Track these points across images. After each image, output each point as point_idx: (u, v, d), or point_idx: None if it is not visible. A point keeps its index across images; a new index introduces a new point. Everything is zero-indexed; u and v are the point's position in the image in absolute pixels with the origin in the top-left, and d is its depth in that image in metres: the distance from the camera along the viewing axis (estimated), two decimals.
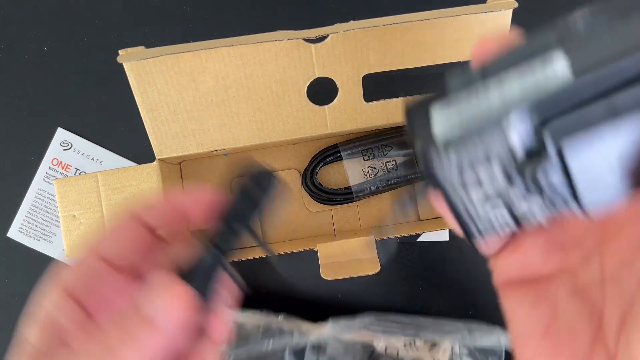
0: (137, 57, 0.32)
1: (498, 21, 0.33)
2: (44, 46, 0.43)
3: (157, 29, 0.43)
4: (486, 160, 0.14)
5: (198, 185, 0.21)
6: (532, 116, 0.14)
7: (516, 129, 0.14)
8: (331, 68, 0.33)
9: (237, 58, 0.32)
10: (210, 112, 0.34)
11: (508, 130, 0.14)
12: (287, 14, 0.42)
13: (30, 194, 0.42)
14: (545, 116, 0.13)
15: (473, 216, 0.16)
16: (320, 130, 0.34)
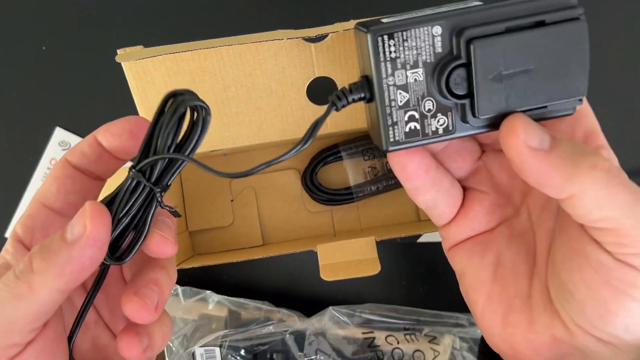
0: (136, 57, 0.32)
1: None
2: (43, 45, 0.42)
3: (156, 28, 0.43)
4: (416, 54, 0.20)
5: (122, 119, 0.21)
6: (452, 27, 0.19)
7: (440, 32, 0.20)
8: (331, 67, 0.33)
9: (236, 57, 0.32)
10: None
11: (435, 31, 0.19)
12: (287, 12, 0.42)
13: (29, 194, 0.42)
14: (462, 27, 0.19)
15: (395, 121, 0.21)
16: (320, 130, 0.34)
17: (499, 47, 0.19)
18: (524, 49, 0.19)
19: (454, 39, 0.19)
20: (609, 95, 0.41)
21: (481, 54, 0.19)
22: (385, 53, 0.20)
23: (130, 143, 0.21)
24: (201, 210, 0.41)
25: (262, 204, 0.41)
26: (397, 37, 0.20)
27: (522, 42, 0.19)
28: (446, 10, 0.20)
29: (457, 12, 0.19)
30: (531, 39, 0.19)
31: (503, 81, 0.19)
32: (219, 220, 0.41)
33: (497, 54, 0.19)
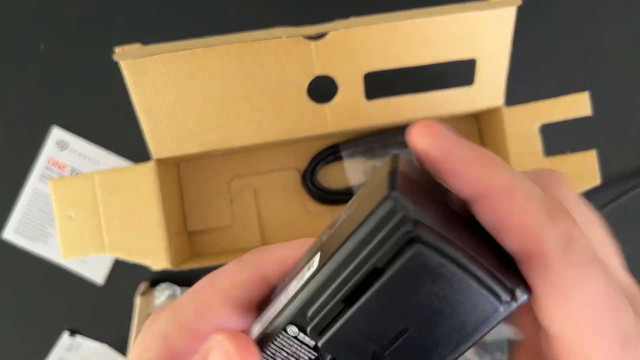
0: (134, 56, 0.31)
1: (501, 18, 0.32)
2: (40, 45, 0.42)
3: (154, 26, 0.42)
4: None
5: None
6: (302, 318, 0.14)
7: (297, 332, 0.15)
8: (331, 66, 0.32)
9: (236, 56, 0.32)
10: (208, 111, 0.33)
11: (292, 331, 0.15)
12: (287, 10, 0.42)
13: (26, 194, 0.42)
14: (309, 316, 0.14)
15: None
16: (321, 129, 0.34)
17: (350, 329, 0.14)
18: (379, 314, 0.13)
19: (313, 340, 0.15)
20: (609, 95, 0.41)
21: (336, 349, 0.14)
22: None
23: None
24: (200, 211, 0.40)
25: (261, 204, 0.40)
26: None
27: (371, 308, 0.13)
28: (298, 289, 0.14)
29: (291, 300, 0.14)
30: (377, 298, 0.13)
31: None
32: (218, 220, 0.40)
33: (352, 338, 0.14)
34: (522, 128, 0.35)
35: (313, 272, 0.14)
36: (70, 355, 0.41)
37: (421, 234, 0.12)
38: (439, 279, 0.13)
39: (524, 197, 0.13)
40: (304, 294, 0.14)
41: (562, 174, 0.16)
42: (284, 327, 0.15)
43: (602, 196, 0.39)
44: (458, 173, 0.13)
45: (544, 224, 0.13)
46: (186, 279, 0.41)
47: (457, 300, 0.13)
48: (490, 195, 0.13)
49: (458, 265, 0.12)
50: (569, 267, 0.12)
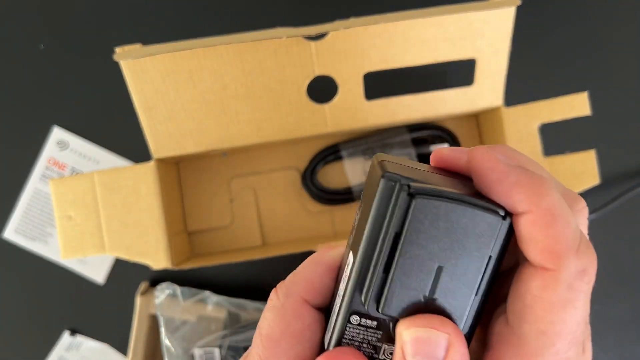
0: (134, 55, 0.31)
1: (501, 18, 0.32)
2: (41, 44, 0.42)
3: (155, 26, 0.42)
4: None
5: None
6: (359, 305, 0.17)
7: (358, 322, 0.17)
8: (331, 66, 0.32)
9: (236, 56, 0.32)
10: (208, 110, 0.33)
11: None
12: (287, 10, 0.42)
13: (27, 194, 0.42)
14: (362, 299, 0.17)
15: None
16: (320, 129, 0.34)
17: (398, 289, 0.16)
18: (414, 266, 0.16)
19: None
20: (608, 95, 0.41)
21: (395, 310, 0.17)
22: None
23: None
24: (200, 211, 0.40)
25: (261, 204, 0.40)
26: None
27: (406, 265, 0.16)
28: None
29: (344, 295, 0.17)
30: (407, 254, 0.16)
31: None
32: (218, 220, 0.40)
33: (404, 295, 0.16)
34: (522, 128, 0.35)
35: (351, 265, 0.17)
36: (71, 354, 0.41)
37: (417, 189, 0.15)
38: (445, 217, 0.15)
39: (564, 223, 0.15)
40: (351, 284, 0.17)
41: (583, 202, 0.18)
42: (348, 320, 0.17)
43: (601, 196, 0.39)
44: (510, 193, 0.15)
45: (571, 250, 0.15)
46: (186, 278, 0.41)
47: (467, 228, 0.16)
48: (535, 213, 0.15)
49: (455, 200, 0.15)
50: (574, 291, 0.15)
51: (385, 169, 0.16)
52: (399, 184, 0.16)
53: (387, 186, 0.16)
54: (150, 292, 0.40)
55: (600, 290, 0.42)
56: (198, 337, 0.40)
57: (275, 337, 0.18)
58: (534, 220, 0.15)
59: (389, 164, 0.17)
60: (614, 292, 0.40)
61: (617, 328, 0.41)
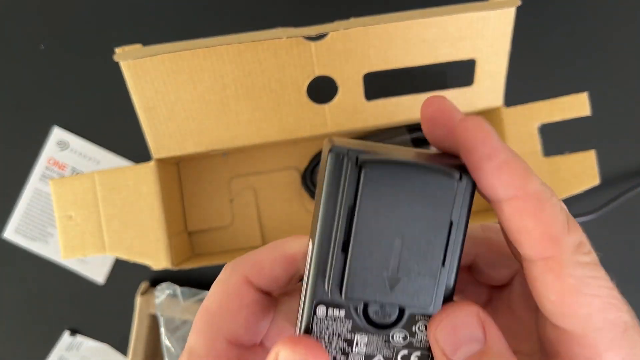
0: (134, 56, 0.31)
1: (501, 19, 0.32)
2: (41, 44, 0.42)
3: (155, 26, 0.42)
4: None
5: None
6: (323, 294, 0.16)
7: (325, 313, 0.16)
8: (331, 66, 0.33)
9: (236, 56, 0.32)
10: (208, 111, 0.33)
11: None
12: (287, 10, 0.42)
13: (27, 194, 0.42)
14: (325, 287, 0.16)
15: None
16: (320, 129, 0.34)
17: (359, 268, 0.15)
18: (372, 242, 0.15)
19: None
20: (608, 95, 0.41)
21: (359, 293, 0.16)
22: None
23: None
24: (200, 211, 0.40)
25: (261, 203, 0.40)
26: None
27: (364, 240, 0.15)
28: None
29: (307, 286, 0.16)
30: (364, 228, 0.15)
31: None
32: (218, 220, 0.40)
33: (366, 275, 0.15)
34: (522, 128, 0.35)
35: (311, 252, 0.16)
36: (71, 354, 0.41)
37: (366, 159, 0.14)
38: (397, 184, 0.14)
39: (552, 206, 0.15)
40: (312, 271, 0.15)
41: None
42: (314, 312, 0.16)
43: (601, 196, 0.39)
44: (499, 173, 0.14)
45: (564, 231, 0.15)
46: (186, 278, 0.41)
47: (422, 194, 0.15)
48: (522, 198, 0.14)
49: (406, 165, 0.15)
50: (580, 266, 0.15)
51: (334, 143, 0.15)
52: (346, 156, 0.15)
53: (335, 160, 0.15)
54: (150, 292, 0.40)
55: None
56: None
57: (212, 310, 0.18)
58: (522, 207, 0.14)
59: (338, 140, 0.16)
60: None
61: None
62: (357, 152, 0.15)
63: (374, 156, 0.15)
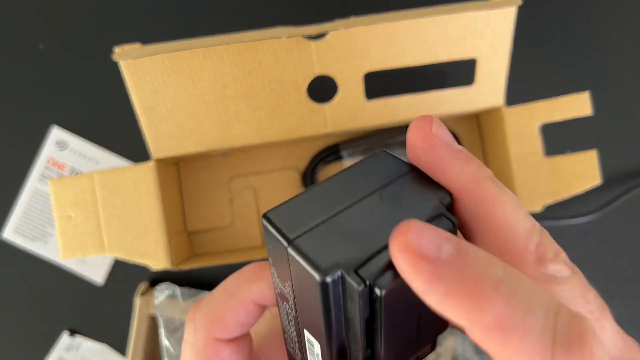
0: (133, 55, 0.31)
1: (502, 18, 0.32)
2: (40, 44, 0.42)
3: (155, 26, 0.42)
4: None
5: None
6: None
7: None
8: (331, 66, 0.32)
9: (236, 56, 0.32)
10: (208, 110, 0.33)
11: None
12: (287, 10, 0.42)
13: (26, 194, 0.42)
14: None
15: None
16: (320, 129, 0.34)
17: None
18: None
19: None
20: (609, 95, 0.41)
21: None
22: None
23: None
24: (200, 211, 0.40)
25: (261, 204, 0.40)
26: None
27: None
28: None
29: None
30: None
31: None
32: (218, 220, 0.40)
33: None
34: (523, 128, 0.35)
35: (320, 352, 0.15)
36: (70, 355, 0.41)
37: (385, 288, 0.13)
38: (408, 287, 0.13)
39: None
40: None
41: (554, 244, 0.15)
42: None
43: (602, 196, 0.39)
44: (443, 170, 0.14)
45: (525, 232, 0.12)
46: (186, 279, 0.41)
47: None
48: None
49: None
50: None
51: (313, 258, 0.13)
52: (347, 278, 0.12)
53: (331, 284, 0.12)
54: (149, 292, 0.40)
55: (601, 291, 0.41)
56: None
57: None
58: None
59: (309, 243, 0.13)
60: (614, 292, 0.40)
61: None
62: (345, 258, 0.12)
63: (372, 265, 0.12)
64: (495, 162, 0.38)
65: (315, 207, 0.14)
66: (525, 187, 0.35)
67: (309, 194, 0.15)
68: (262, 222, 0.14)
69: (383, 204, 0.14)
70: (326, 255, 0.13)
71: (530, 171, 0.35)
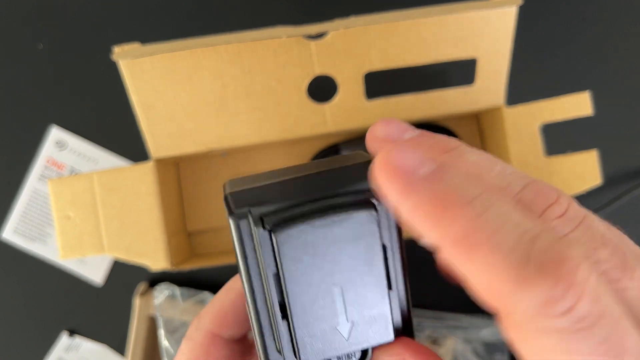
0: (133, 55, 0.31)
1: (502, 18, 0.32)
2: (39, 44, 0.42)
3: (154, 26, 0.42)
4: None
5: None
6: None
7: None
8: (331, 65, 0.32)
9: (235, 55, 0.32)
10: (207, 110, 0.33)
11: None
12: (287, 10, 0.42)
13: (26, 194, 0.42)
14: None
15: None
16: (320, 129, 0.34)
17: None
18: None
19: None
20: (610, 95, 0.41)
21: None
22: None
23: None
24: (200, 211, 0.40)
25: None
26: None
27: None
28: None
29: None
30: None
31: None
32: (218, 220, 0.40)
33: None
34: (523, 128, 0.35)
35: (250, 315, 0.15)
36: (69, 355, 0.41)
37: (273, 221, 0.14)
38: (317, 237, 0.14)
39: (490, 251, 0.10)
40: (258, 337, 0.15)
41: (556, 193, 0.13)
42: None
43: (603, 196, 0.39)
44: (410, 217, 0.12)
45: (519, 288, 0.10)
46: (185, 279, 0.41)
47: (345, 235, 0.14)
48: (446, 249, 0.11)
49: (319, 215, 0.14)
50: (548, 335, 0.10)
51: (231, 204, 0.14)
52: (251, 221, 0.14)
53: (238, 227, 0.14)
54: (149, 292, 0.40)
55: None
56: None
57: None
58: (447, 258, 0.11)
59: (232, 186, 0.15)
60: None
61: None
62: (259, 208, 0.14)
63: (280, 216, 0.13)
64: None
65: (266, 177, 0.15)
66: None
67: (272, 171, 0.16)
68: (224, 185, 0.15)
69: (320, 176, 0.15)
70: (246, 205, 0.14)
71: (531, 171, 0.35)
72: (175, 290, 0.40)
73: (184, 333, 0.39)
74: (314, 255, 0.14)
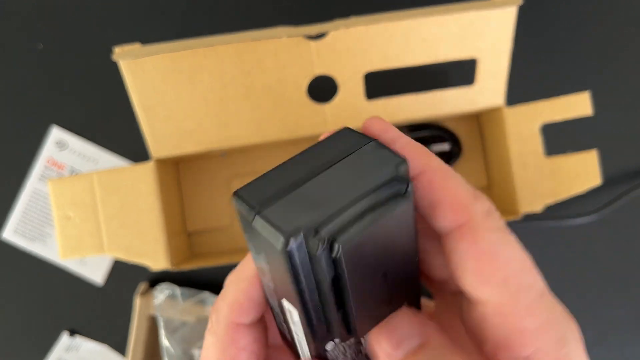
0: (133, 55, 0.31)
1: (502, 18, 0.32)
2: (39, 44, 0.42)
3: (154, 25, 0.42)
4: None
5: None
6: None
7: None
8: (332, 65, 0.32)
9: (235, 55, 0.32)
10: (207, 110, 0.33)
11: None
12: (287, 10, 0.42)
13: (26, 194, 0.42)
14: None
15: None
16: (320, 129, 0.34)
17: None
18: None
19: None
20: (610, 95, 0.41)
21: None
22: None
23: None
24: (199, 211, 0.40)
25: None
26: None
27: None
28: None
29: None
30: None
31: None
32: (218, 220, 0.40)
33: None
34: (523, 128, 0.35)
35: (297, 318, 0.16)
36: (70, 355, 0.41)
37: (343, 241, 0.14)
38: (373, 242, 0.14)
39: (455, 177, 0.16)
40: (308, 333, 0.16)
41: (486, 202, 0.18)
42: (324, 349, 0.17)
43: (603, 196, 0.39)
44: (404, 152, 0.16)
45: (471, 198, 0.16)
46: (185, 279, 0.41)
47: (391, 230, 0.15)
48: (429, 172, 0.16)
49: (373, 222, 0.14)
50: (493, 230, 0.15)
51: (279, 226, 0.13)
52: (301, 235, 0.13)
53: (292, 254, 0.13)
54: (149, 292, 0.40)
55: (602, 291, 0.41)
56: (197, 338, 0.39)
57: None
58: (430, 179, 0.16)
59: (272, 210, 0.14)
60: (616, 292, 0.40)
61: (618, 329, 0.40)
62: (306, 220, 0.13)
63: (347, 235, 0.14)
64: (495, 162, 0.38)
65: (280, 182, 0.15)
66: (525, 187, 0.35)
67: (276, 171, 0.16)
68: (232, 200, 0.15)
69: (343, 173, 0.15)
70: (288, 221, 0.14)
71: (531, 171, 0.35)
72: (175, 290, 0.40)
73: (184, 333, 0.39)
74: (370, 256, 0.15)
